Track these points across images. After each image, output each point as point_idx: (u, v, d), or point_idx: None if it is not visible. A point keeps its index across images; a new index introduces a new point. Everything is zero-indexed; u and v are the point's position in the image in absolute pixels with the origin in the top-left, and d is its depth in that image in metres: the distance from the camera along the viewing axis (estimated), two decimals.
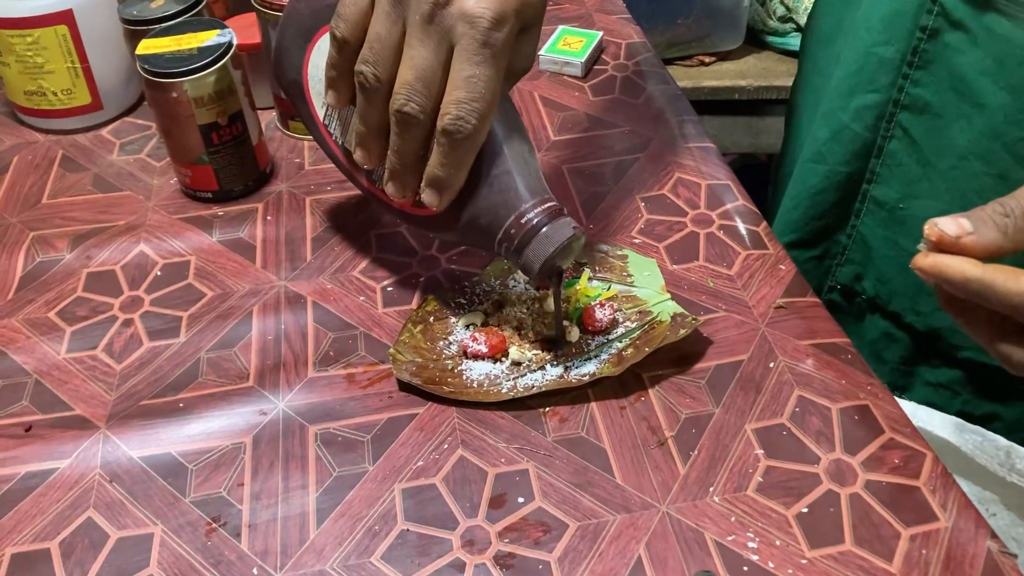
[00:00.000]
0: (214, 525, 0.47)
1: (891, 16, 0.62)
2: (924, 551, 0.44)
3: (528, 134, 0.52)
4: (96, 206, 0.68)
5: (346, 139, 0.55)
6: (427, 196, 0.50)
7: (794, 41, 1.28)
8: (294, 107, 0.58)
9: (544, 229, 0.49)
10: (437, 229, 0.54)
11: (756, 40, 1.31)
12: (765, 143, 1.28)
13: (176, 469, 0.49)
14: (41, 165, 0.72)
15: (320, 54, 0.53)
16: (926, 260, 0.41)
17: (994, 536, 0.45)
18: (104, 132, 0.76)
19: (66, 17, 0.70)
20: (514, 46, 0.47)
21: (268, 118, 0.75)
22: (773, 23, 1.28)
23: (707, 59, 1.29)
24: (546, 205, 0.49)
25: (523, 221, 0.49)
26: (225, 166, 0.65)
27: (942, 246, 0.41)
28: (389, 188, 0.51)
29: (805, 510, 0.46)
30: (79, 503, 0.48)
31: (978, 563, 0.44)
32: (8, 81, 0.73)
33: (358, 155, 0.52)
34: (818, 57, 0.73)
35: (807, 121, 0.73)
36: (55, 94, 0.73)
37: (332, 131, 0.56)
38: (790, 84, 1.25)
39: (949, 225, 0.40)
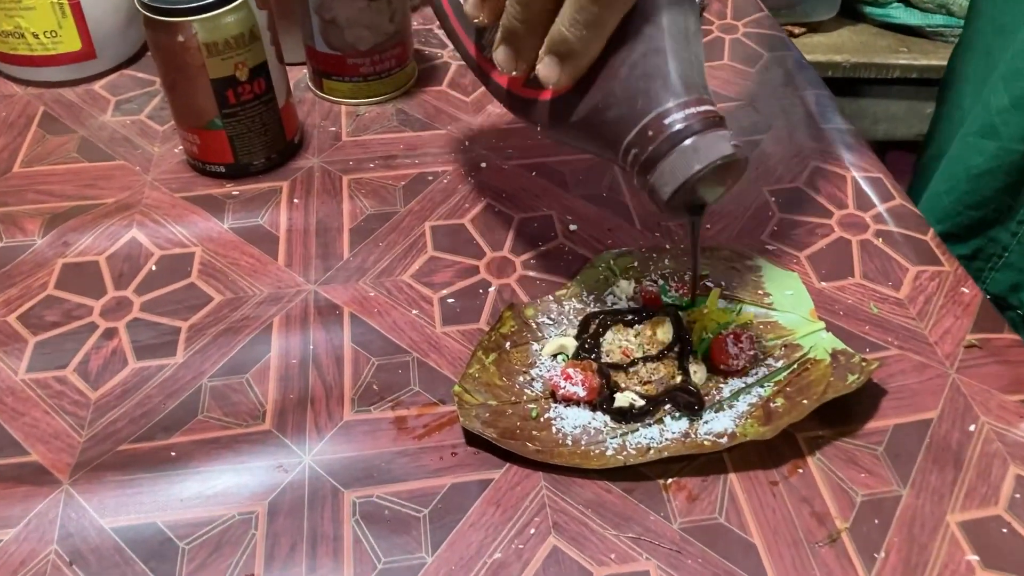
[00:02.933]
0: None
1: None
2: None
3: (699, 19, 0.38)
4: (81, 178, 0.54)
5: None
6: (544, 68, 0.36)
7: (896, 13, 1.13)
8: None
9: (692, 139, 0.34)
10: (553, 121, 0.39)
11: (853, 10, 1.16)
12: (860, 127, 1.13)
13: (162, 548, 0.36)
14: (16, 124, 0.58)
15: None
16: None
17: None
18: (96, 87, 0.62)
19: None
20: None
21: (297, 77, 0.61)
22: None
23: (796, 29, 1.14)
24: (702, 108, 0.35)
25: (666, 121, 0.35)
26: (243, 133, 0.52)
27: None
28: (499, 55, 0.38)
29: None
30: None
31: None
32: None
33: (470, 3, 0.38)
34: (996, 9, 0.58)
35: (973, 90, 0.58)
36: (36, 36, 0.59)
37: None
38: (891, 61, 1.11)
39: None
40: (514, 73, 0.38)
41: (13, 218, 0.51)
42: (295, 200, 0.52)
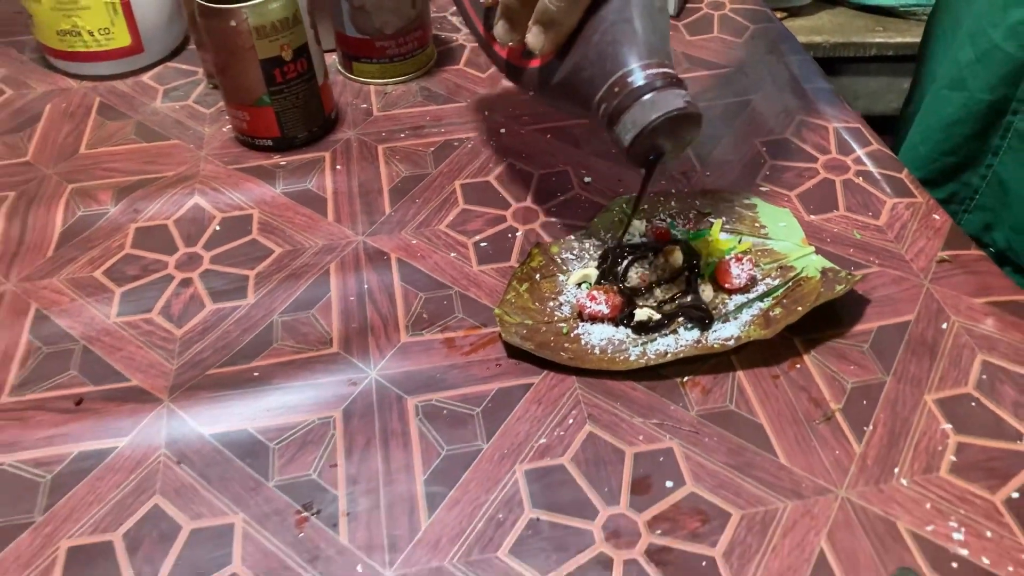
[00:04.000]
0: (306, 514, 0.39)
1: None
2: None
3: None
4: (141, 156, 0.60)
5: None
6: (533, 36, 0.43)
7: None
8: None
9: (651, 94, 0.41)
10: (542, 85, 0.46)
11: None
12: None
13: (255, 448, 0.42)
14: (76, 113, 0.64)
15: None
16: None
17: None
18: (145, 78, 0.68)
19: None
20: None
21: (328, 62, 0.67)
22: None
23: (779, 14, 1.21)
24: (661, 69, 0.41)
25: (629, 79, 0.41)
26: (288, 108, 0.58)
27: None
28: (498, 28, 0.45)
29: (1015, 495, 0.39)
30: (143, 488, 0.40)
31: None
32: (38, 20, 0.65)
33: None
34: None
35: (944, 48, 0.65)
36: (91, 34, 0.65)
37: None
38: (868, 40, 1.18)
39: None
40: (510, 44, 0.45)
41: (87, 191, 0.57)
42: (338, 167, 0.58)
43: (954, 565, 0.36)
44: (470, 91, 0.64)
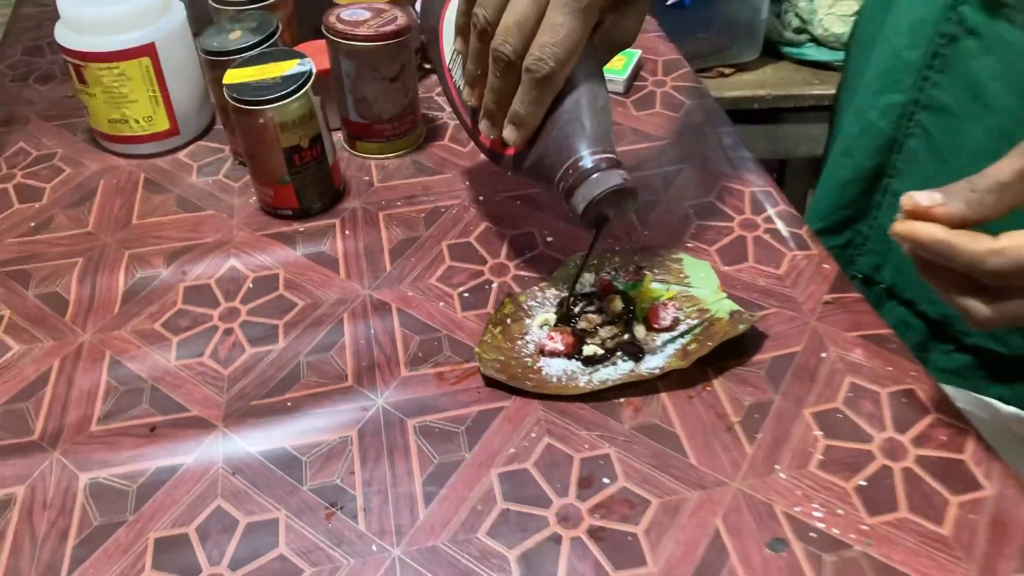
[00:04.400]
0: (332, 509, 0.52)
1: (916, 23, 0.68)
2: (972, 516, 0.50)
3: (608, 98, 0.58)
4: (184, 225, 0.73)
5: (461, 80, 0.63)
6: (508, 132, 0.56)
7: (809, 51, 1.34)
8: (428, 52, 0.67)
9: (596, 175, 0.54)
10: (516, 167, 0.59)
11: (773, 51, 1.37)
12: (783, 149, 1.34)
13: (291, 462, 0.55)
14: (126, 188, 0.77)
15: (453, 7, 0.61)
16: (902, 226, 0.46)
17: None
18: (181, 155, 0.81)
19: (149, 50, 0.75)
20: (615, 14, 0.56)
21: (336, 138, 0.80)
22: (789, 35, 1.34)
23: (727, 70, 1.35)
24: (604, 155, 0.55)
25: (579, 164, 0.54)
26: (305, 185, 0.71)
27: (916, 215, 0.46)
28: (482, 124, 0.58)
29: (863, 483, 0.52)
30: (207, 494, 0.53)
31: (1022, 524, 0.49)
32: (93, 110, 0.78)
33: (465, 92, 0.59)
34: (857, 61, 0.79)
35: (841, 120, 0.79)
36: (137, 121, 0.78)
37: (454, 74, 0.63)
38: (806, 93, 1.32)
39: (923, 197, 0.46)
40: (492, 137, 0.58)
41: (142, 256, 0.70)
42: (346, 232, 0.71)
43: (813, 535, 0.49)
44: (454, 164, 0.78)
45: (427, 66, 0.90)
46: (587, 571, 0.48)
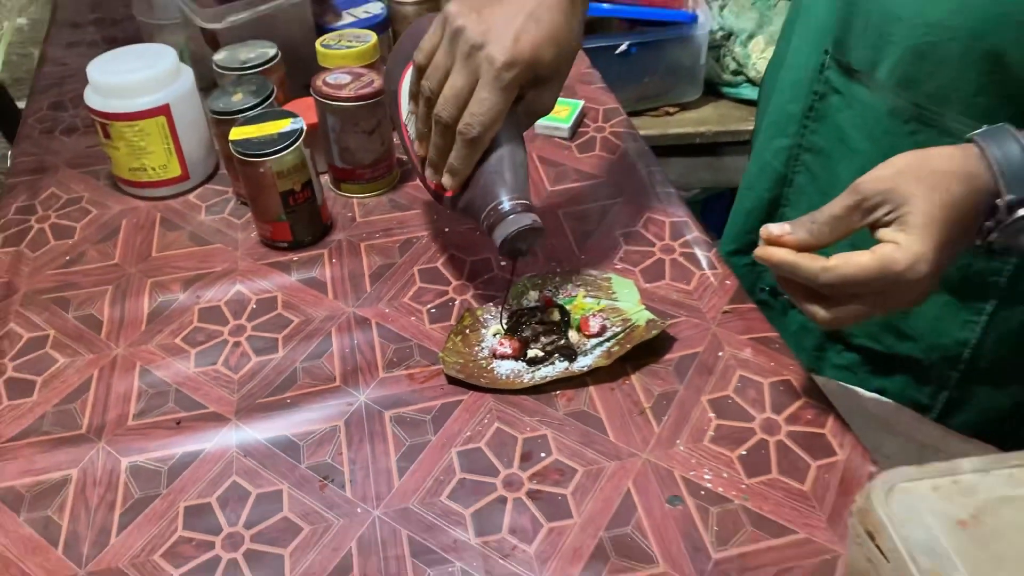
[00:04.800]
0: (325, 482, 0.65)
1: (796, 81, 0.83)
2: (826, 476, 0.64)
3: (526, 156, 0.72)
4: (196, 256, 0.87)
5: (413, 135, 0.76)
6: (445, 179, 0.70)
7: (745, 91, 1.49)
8: (389, 111, 0.81)
9: (511, 216, 0.68)
10: (453, 207, 0.73)
11: (713, 91, 1.52)
12: (724, 179, 1.48)
13: (291, 446, 0.68)
14: (145, 226, 0.91)
15: (408, 78, 0.75)
16: (761, 251, 0.60)
17: (874, 463, 0.64)
18: (190, 197, 0.95)
19: (164, 110, 0.89)
20: (535, 90, 0.68)
21: (323, 180, 0.94)
22: (727, 76, 1.49)
23: (672, 110, 1.50)
24: (518, 201, 0.68)
25: (499, 207, 0.68)
26: (298, 222, 0.85)
27: (771, 241, 0.60)
28: (428, 172, 0.73)
29: (744, 452, 0.66)
30: (225, 472, 0.66)
31: (862, 482, 0.63)
32: (115, 160, 0.92)
33: (417, 146, 0.73)
34: (759, 111, 0.94)
35: (752, 158, 0.94)
36: (154, 169, 0.92)
37: (409, 129, 0.77)
38: (743, 128, 1.48)
39: (775, 228, 0.60)
40: (434, 181, 0.72)
41: (162, 283, 0.84)
42: (334, 260, 0.85)
43: (703, 492, 0.63)
44: (424, 202, 0.92)
45: None
46: (526, 523, 0.62)
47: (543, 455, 0.66)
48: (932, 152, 0.58)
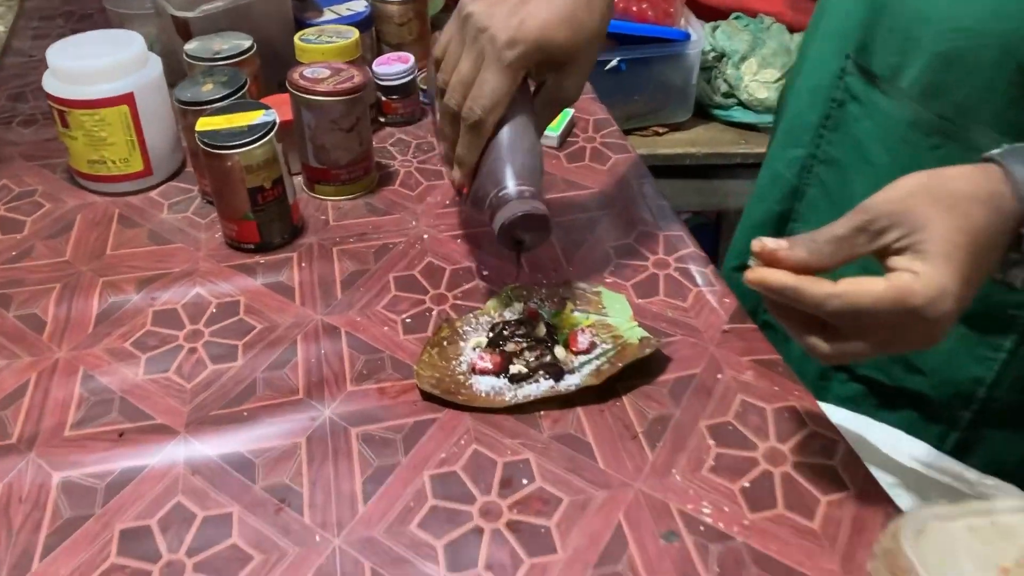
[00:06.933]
0: (281, 505, 0.59)
1: (815, 87, 0.78)
2: (838, 512, 0.58)
3: (539, 144, 0.67)
4: (154, 256, 0.80)
5: None
6: (454, 172, 0.67)
7: (736, 114, 1.45)
8: (432, 107, 0.77)
9: (514, 201, 0.63)
10: (466, 201, 0.69)
11: (704, 113, 1.48)
12: (713, 202, 1.44)
13: (245, 464, 0.61)
14: (101, 222, 0.84)
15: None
16: (755, 273, 0.53)
17: (889, 500, 0.59)
18: (153, 194, 0.88)
19: (128, 99, 0.83)
20: (553, 76, 0.65)
21: (295, 182, 0.88)
22: (718, 98, 1.46)
23: (661, 130, 1.46)
24: (523, 188, 0.63)
25: (502, 192, 0.64)
26: (267, 222, 0.78)
27: (764, 257, 0.53)
28: (445, 169, 0.71)
29: (747, 484, 0.60)
30: (169, 491, 0.59)
31: (877, 520, 0.57)
32: (73, 151, 0.86)
33: (438, 142, 0.70)
34: (776, 119, 0.89)
35: (761, 171, 0.89)
36: (114, 162, 0.86)
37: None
38: (734, 151, 1.43)
39: (770, 242, 0.53)
40: (450, 178, 0.68)
41: (115, 283, 0.77)
42: (303, 264, 0.79)
43: (702, 528, 0.57)
44: (403, 206, 0.86)
45: (381, 119, 0.98)
46: (504, 558, 0.55)
47: (525, 482, 0.60)
48: (948, 171, 0.51)
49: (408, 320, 0.73)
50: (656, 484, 0.60)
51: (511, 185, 0.63)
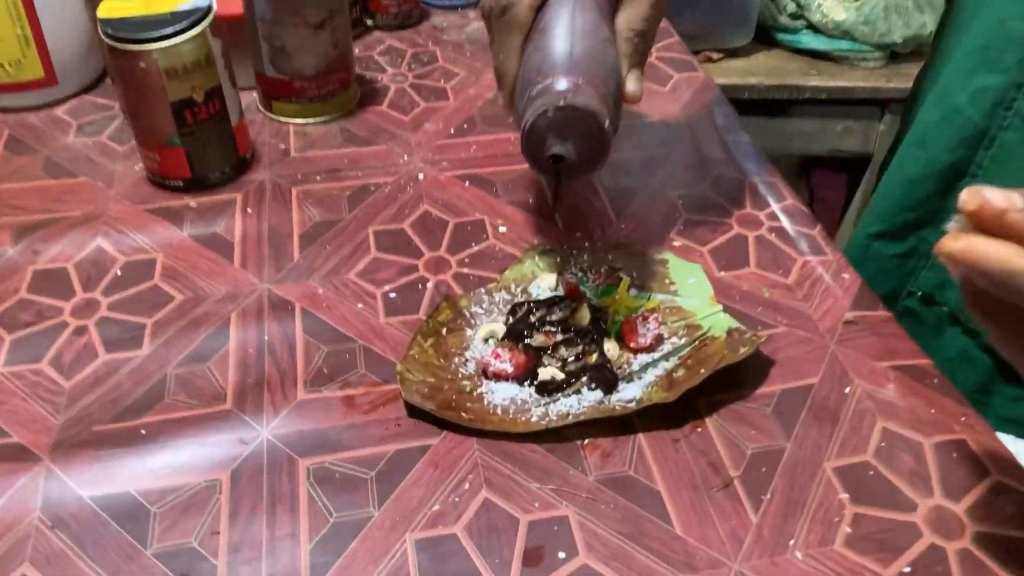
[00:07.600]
0: None
1: None
2: None
3: (606, 30, 0.46)
4: (47, 194, 0.58)
5: None
6: (497, 92, 0.50)
7: (805, 39, 1.21)
8: None
9: (550, 94, 0.42)
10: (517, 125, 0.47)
11: (766, 37, 1.24)
12: (776, 145, 1.21)
13: (135, 512, 0.40)
14: None
15: None
16: (957, 243, 0.33)
17: None
18: (58, 111, 0.66)
19: None
20: None
21: (247, 101, 0.66)
22: (784, 19, 1.21)
23: (715, 55, 1.22)
24: (572, 80, 0.42)
25: (539, 88, 0.43)
26: (199, 149, 0.56)
27: (980, 219, 0.32)
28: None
29: (907, 569, 0.38)
30: (11, 556, 0.38)
31: None
32: None
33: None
34: (948, 38, 0.64)
35: (920, 105, 0.65)
36: (1, 66, 0.63)
37: None
38: (802, 84, 1.20)
39: (996, 196, 0.32)
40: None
41: None
42: (248, 210, 0.57)
43: None
44: (391, 134, 0.64)
45: (368, 21, 0.75)
46: None
47: (562, 556, 0.39)
48: None
49: (392, 295, 0.51)
50: (766, 565, 0.39)
51: (554, 77, 0.42)
